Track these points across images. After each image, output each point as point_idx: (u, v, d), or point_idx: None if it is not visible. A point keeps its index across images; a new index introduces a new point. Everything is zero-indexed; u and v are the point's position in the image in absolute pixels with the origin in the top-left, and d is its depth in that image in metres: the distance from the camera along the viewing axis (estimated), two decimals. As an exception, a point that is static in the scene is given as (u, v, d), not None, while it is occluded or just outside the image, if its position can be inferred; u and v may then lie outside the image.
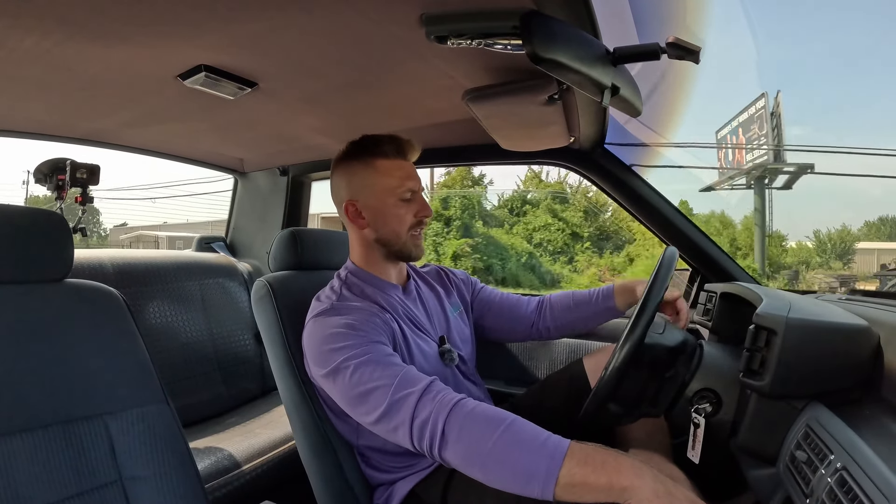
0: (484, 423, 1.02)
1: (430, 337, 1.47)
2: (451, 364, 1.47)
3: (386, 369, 1.15)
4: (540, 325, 1.73)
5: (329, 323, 1.27)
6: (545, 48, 1.04)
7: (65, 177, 2.29)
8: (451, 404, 1.06)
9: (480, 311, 1.73)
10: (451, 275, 1.73)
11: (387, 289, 1.45)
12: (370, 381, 1.15)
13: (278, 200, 2.93)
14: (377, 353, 1.19)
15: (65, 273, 1.14)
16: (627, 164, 2.07)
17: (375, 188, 1.42)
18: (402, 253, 1.45)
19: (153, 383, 1.16)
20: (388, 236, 1.43)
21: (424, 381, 1.12)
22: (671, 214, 2.05)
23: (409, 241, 1.44)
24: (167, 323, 2.35)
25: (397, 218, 1.41)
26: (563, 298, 1.75)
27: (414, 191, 1.43)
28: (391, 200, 1.41)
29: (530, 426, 1.02)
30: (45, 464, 0.98)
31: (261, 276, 1.57)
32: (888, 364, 1.00)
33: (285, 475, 1.95)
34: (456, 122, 1.91)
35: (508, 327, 1.75)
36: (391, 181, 1.41)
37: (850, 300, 1.48)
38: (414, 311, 1.47)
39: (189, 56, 1.37)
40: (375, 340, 1.23)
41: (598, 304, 1.68)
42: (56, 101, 1.71)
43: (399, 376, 1.13)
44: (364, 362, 1.17)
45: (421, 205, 1.44)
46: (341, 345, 1.21)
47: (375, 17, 1.15)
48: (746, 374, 1.10)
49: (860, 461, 0.78)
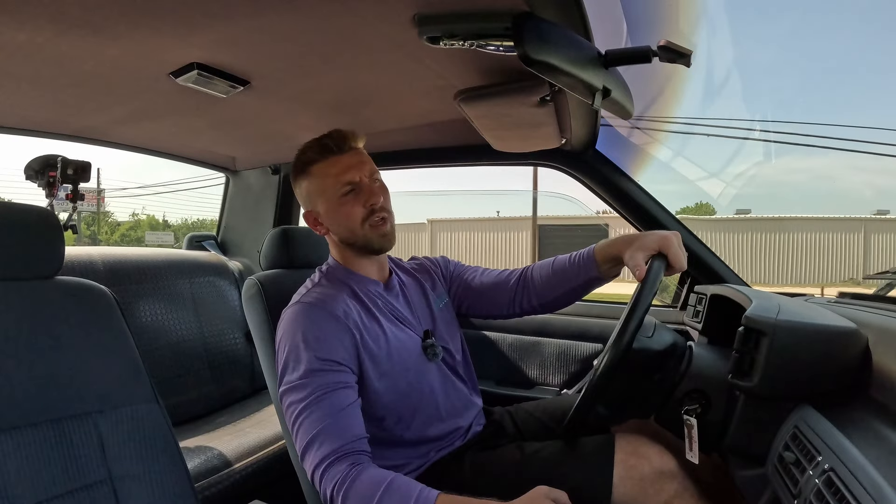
0: (368, 487, 1.11)
1: (413, 331, 1.45)
2: (434, 359, 1.46)
3: (314, 413, 1.20)
4: (524, 303, 1.56)
5: (291, 327, 1.30)
6: (537, 50, 1.05)
7: (56, 173, 2.28)
8: (345, 484, 1.12)
9: (457, 292, 1.66)
10: (432, 264, 1.68)
11: (367, 284, 1.44)
12: (298, 420, 1.21)
13: (270, 199, 2.93)
14: (315, 390, 1.22)
15: (55, 270, 1.13)
16: (618, 166, 2.08)
17: (317, 194, 1.42)
18: (366, 247, 1.42)
19: (143, 382, 1.16)
20: (345, 235, 1.42)
21: (335, 446, 1.17)
22: (662, 217, 2.06)
23: (369, 232, 1.39)
24: (158, 321, 2.34)
25: (345, 215, 1.39)
26: (544, 267, 1.56)
27: (354, 182, 1.38)
28: (333, 200, 1.39)
29: (406, 482, 1.13)
30: (35, 462, 0.97)
31: (251, 275, 1.57)
32: (876, 366, 1.01)
33: (275, 474, 1.94)
34: (448, 122, 1.91)
35: (489, 306, 1.62)
36: (326, 181, 1.40)
37: (838, 303, 1.49)
38: (395, 306, 1.46)
39: (181, 54, 1.37)
40: (321, 369, 1.24)
41: (578, 274, 1.47)
42: (48, 97, 1.70)
43: (321, 428, 1.18)
44: (300, 401, 1.22)
45: (368, 194, 1.39)
46: (288, 370, 1.27)
47: (368, 17, 1.15)
48: (735, 376, 1.11)
49: (848, 462, 0.79)
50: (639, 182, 2.10)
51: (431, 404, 1.43)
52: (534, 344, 2.30)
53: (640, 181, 2.10)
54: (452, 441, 1.46)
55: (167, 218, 33.55)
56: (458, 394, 1.51)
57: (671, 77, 2.01)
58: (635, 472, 1.24)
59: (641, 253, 1.28)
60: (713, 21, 4.17)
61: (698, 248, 2.05)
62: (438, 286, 1.61)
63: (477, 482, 1.35)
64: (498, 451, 1.43)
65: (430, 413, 1.43)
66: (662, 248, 1.27)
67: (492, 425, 1.57)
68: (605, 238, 1.49)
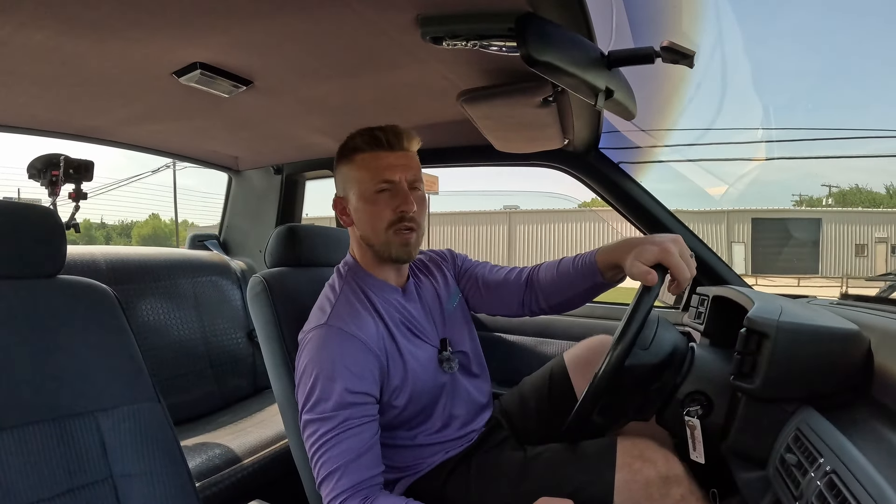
0: None
1: (428, 342, 1.42)
2: (450, 371, 1.44)
3: (338, 446, 1.20)
4: (532, 304, 1.52)
5: (321, 354, 1.26)
6: (540, 51, 1.05)
7: (58, 172, 2.28)
8: None
9: (465, 287, 1.61)
10: (440, 258, 1.64)
11: (385, 291, 1.40)
12: (322, 450, 1.21)
13: (272, 199, 2.93)
14: (343, 422, 1.21)
15: (57, 269, 1.13)
16: (621, 168, 2.08)
17: (353, 183, 1.36)
18: (383, 253, 1.36)
19: (145, 381, 1.16)
20: (368, 234, 1.36)
21: (354, 481, 1.19)
22: (664, 217, 2.06)
23: (392, 238, 1.33)
24: (159, 320, 2.34)
25: (373, 213, 1.33)
26: (549, 269, 1.49)
27: (392, 181, 1.32)
28: (366, 194, 1.33)
29: None
30: (36, 460, 0.97)
31: (254, 274, 1.57)
32: (878, 368, 1.01)
33: (276, 474, 1.94)
34: (450, 123, 1.91)
35: (498, 304, 1.57)
36: (364, 173, 1.33)
37: (841, 305, 1.49)
38: (413, 316, 1.42)
39: (185, 53, 1.37)
40: (352, 402, 1.23)
41: (583, 279, 1.39)
42: (51, 96, 1.70)
43: (343, 462, 1.19)
44: (326, 432, 1.21)
45: (402, 198, 1.32)
46: (314, 399, 1.24)
47: (371, 18, 1.15)
48: (737, 378, 1.10)
49: (849, 464, 0.79)
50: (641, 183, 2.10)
51: (445, 413, 1.43)
52: (536, 345, 2.30)
53: (643, 182, 2.10)
54: (462, 444, 1.46)
55: (104, 220, 33.67)
56: (472, 398, 1.51)
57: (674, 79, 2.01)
58: (640, 475, 1.22)
59: (640, 263, 1.19)
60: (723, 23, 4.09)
61: (700, 248, 2.04)
62: (451, 282, 1.58)
63: (481, 484, 1.35)
64: (501, 453, 1.42)
65: (444, 421, 1.43)
66: (662, 259, 1.17)
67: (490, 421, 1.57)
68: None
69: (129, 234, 45.05)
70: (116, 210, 37.05)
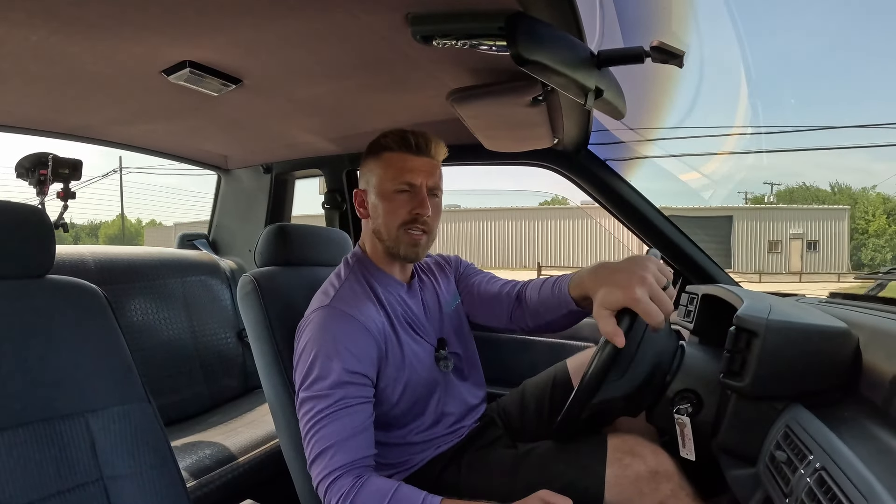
0: (374, 497, 1.16)
1: (427, 339, 1.46)
2: (446, 370, 1.47)
3: (332, 424, 1.22)
4: (520, 321, 1.50)
5: (322, 333, 1.28)
6: (530, 50, 1.05)
7: (47, 171, 2.26)
8: (351, 495, 1.16)
9: (462, 296, 1.63)
10: (446, 262, 1.67)
11: (390, 285, 1.44)
12: (315, 427, 1.23)
13: (262, 198, 2.91)
14: (338, 401, 1.23)
15: (46, 269, 1.12)
16: (610, 167, 2.08)
17: (376, 178, 1.40)
18: (392, 250, 1.40)
19: (134, 381, 1.15)
20: (380, 228, 1.40)
21: (346, 460, 1.20)
22: (653, 216, 2.06)
23: (402, 237, 1.38)
24: (149, 320, 2.33)
25: (389, 210, 1.38)
26: (534, 289, 1.45)
27: (413, 184, 1.37)
28: (386, 191, 1.38)
29: (410, 490, 1.17)
30: (26, 461, 0.97)
31: (244, 273, 1.56)
32: (866, 366, 1.02)
33: (267, 474, 1.94)
34: (440, 121, 1.91)
35: (489, 316, 1.57)
36: (388, 171, 1.38)
37: (829, 303, 1.50)
38: (414, 312, 1.45)
39: (174, 52, 1.37)
40: (349, 381, 1.24)
41: (560, 306, 1.34)
42: (40, 94, 1.69)
43: (336, 440, 1.21)
44: (321, 410, 1.23)
45: (419, 201, 1.37)
46: (312, 377, 1.25)
47: (361, 17, 1.15)
48: (727, 376, 1.11)
49: (839, 461, 0.79)
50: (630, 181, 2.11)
51: (438, 409, 1.45)
52: (525, 343, 2.30)
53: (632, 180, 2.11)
54: (453, 440, 1.47)
55: (73, 220, 33.54)
56: (464, 399, 1.53)
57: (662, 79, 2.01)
58: (630, 471, 1.23)
59: (606, 311, 1.09)
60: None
61: (689, 247, 2.05)
62: (452, 286, 1.62)
63: (472, 480, 1.36)
64: (493, 450, 1.44)
65: (436, 417, 1.44)
66: (630, 306, 1.06)
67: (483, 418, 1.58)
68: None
69: (97, 234, 45.06)
70: (84, 210, 37.02)
